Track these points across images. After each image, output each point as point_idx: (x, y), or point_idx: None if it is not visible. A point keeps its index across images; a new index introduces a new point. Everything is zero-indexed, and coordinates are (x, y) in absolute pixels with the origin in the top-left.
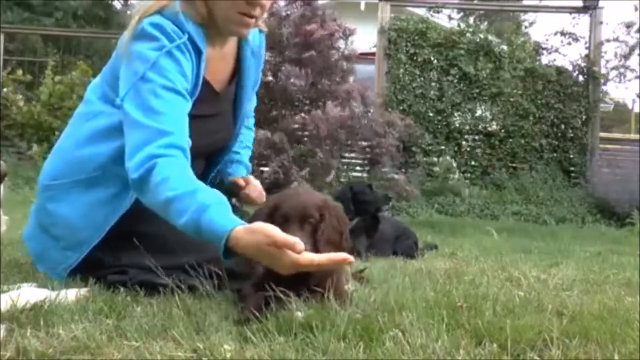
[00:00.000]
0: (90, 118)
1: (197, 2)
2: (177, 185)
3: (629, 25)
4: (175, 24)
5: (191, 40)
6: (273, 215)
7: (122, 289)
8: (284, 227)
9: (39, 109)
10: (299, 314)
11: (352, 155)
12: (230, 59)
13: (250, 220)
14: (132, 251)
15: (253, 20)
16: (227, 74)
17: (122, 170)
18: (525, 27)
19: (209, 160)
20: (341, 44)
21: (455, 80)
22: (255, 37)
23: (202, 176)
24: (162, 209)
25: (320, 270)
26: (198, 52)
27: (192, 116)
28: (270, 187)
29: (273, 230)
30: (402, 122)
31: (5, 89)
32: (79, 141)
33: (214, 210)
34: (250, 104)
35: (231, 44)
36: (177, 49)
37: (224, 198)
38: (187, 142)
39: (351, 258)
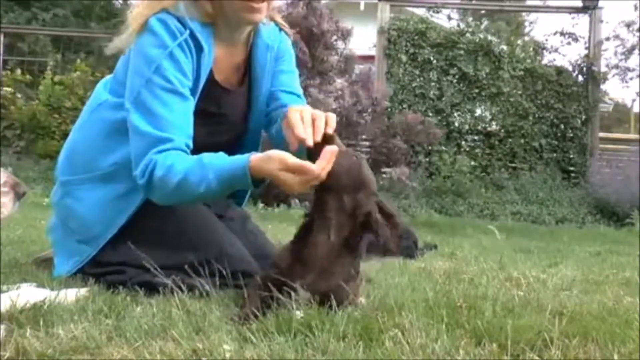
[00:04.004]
0: (95, 108)
1: (201, 1)
2: (182, 166)
3: (629, 25)
4: (179, 20)
5: (193, 36)
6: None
7: (121, 288)
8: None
9: (38, 109)
10: (299, 314)
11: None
12: (242, 59)
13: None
14: (134, 248)
15: (264, 5)
16: (239, 75)
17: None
18: (527, 27)
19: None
20: (340, 44)
21: (455, 80)
22: (273, 34)
23: None
24: (177, 192)
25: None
26: (200, 49)
27: (197, 113)
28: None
29: (285, 156)
30: (421, 124)
31: (5, 89)
32: (93, 132)
33: (225, 160)
34: (287, 87)
35: (242, 43)
36: (179, 47)
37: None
38: (187, 144)
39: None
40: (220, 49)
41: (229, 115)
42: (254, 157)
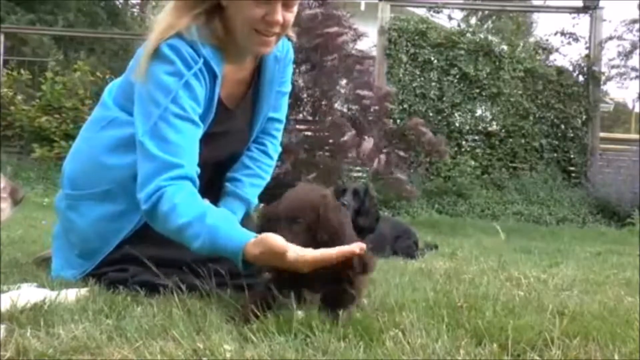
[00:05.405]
0: (104, 125)
1: (214, 23)
2: (186, 211)
3: (633, 22)
4: (191, 46)
5: (206, 64)
6: (273, 215)
7: (121, 288)
8: (277, 227)
9: (38, 110)
10: (299, 314)
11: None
12: (248, 73)
13: (260, 222)
14: (136, 244)
15: (273, 39)
16: (243, 88)
17: (134, 186)
18: (532, 27)
19: (219, 169)
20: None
21: (456, 80)
22: (280, 44)
23: (211, 184)
24: (176, 235)
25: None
26: (213, 76)
27: (203, 134)
28: (275, 187)
29: (272, 239)
30: (427, 136)
31: (5, 89)
32: (96, 149)
33: (223, 230)
34: (277, 112)
35: (250, 57)
36: (194, 76)
37: (231, 214)
38: (196, 171)
39: (359, 249)
40: (228, 68)
41: (232, 132)
42: (249, 244)
